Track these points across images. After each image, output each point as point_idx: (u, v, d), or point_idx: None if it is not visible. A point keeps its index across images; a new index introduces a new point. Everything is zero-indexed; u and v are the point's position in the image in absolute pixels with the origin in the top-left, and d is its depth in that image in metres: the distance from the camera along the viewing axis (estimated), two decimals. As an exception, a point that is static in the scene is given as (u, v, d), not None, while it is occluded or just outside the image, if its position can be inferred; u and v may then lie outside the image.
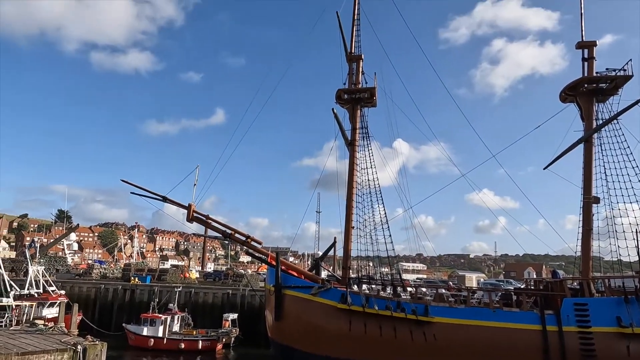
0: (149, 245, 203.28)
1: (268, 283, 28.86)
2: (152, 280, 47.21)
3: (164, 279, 48.72)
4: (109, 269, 58.61)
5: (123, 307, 41.06)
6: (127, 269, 51.38)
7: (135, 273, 48.99)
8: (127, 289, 42.19)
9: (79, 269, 59.97)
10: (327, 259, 53.18)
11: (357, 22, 31.03)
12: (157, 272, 51.93)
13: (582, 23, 27.78)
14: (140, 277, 47.08)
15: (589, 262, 25.30)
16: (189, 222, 27.35)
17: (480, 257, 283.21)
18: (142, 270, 52.37)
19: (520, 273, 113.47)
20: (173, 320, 34.91)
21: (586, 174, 26.33)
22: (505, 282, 53.02)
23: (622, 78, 25.84)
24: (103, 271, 55.27)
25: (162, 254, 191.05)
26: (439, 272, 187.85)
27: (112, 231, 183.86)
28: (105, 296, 41.96)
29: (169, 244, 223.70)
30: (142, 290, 42.14)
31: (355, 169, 29.33)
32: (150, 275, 49.11)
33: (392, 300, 23.98)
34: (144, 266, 60.48)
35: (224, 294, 40.61)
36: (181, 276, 52.20)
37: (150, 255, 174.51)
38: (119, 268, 58.37)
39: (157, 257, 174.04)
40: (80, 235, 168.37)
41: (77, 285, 43.40)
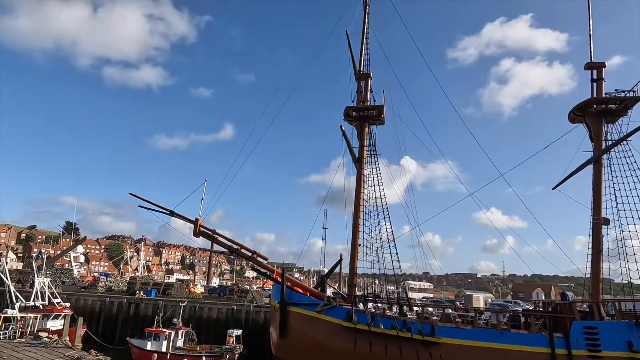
0: (155, 258, 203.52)
1: (273, 299, 28.67)
2: (157, 294, 47.14)
3: (168, 293, 48.62)
4: (115, 281, 58.58)
5: (127, 320, 40.97)
6: (133, 283, 51.39)
7: (141, 287, 48.95)
8: (132, 303, 42.15)
9: (84, 282, 60.03)
10: (332, 276, 52.83)
11: (366, 40, 31.34)
12: (162, 286, 51.84)
13: (591, 44, 27.83)
14: (146, 291, 47.02)
15: (599, 285, 24.88)
16: (196, 237, 27.36)
17: (487, 276, 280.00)
18: (148, 283, 52.28)
19: (529, 294, 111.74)
20: (177, 336, 34.67)
21: (595, 195, 26.07)
22: (513, 303, 52.23)
23: (631, 99, 25.73)
24: (108, 284, 55.24)
25: (168, 267, 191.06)
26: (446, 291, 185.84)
27: (119, 244, 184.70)
28: (110, 309, 41.93)
29: (175, 257, 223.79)
30: (147, 304, 42.06)
31: (363, 186, 29.28)
32: (155, 289, 49.05)
33: (398, 319, 23.69)
34: (150, 280, 60.35)
35: (228, 310, 40.41)
36: (186, 290, 52.04)
37: (156, 269, 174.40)
38: (125, 281, 58.35)
39: (162, 270, 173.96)
40: (87, 248, 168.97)
41: (82, 298, 43.47)
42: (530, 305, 39.34)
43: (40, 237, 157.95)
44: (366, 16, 31.81)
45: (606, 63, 27.36)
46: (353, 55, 30.72)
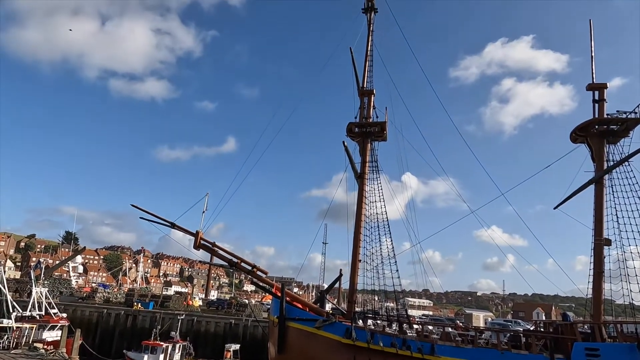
0: (154, 270, 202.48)
1: (272, 314, 28.47)
2: (154, 307, 46.82)
3: (166, 306, 48.29)
4: (112, 293, 58.24)
5: (125, 333, 40.66)
6: (131, 294, 51.08)
7: (139, 299, 48.66)
8: (130, 315, 41.89)
9: (82, 292, 59.69)
10: (332, 292, 52.50)
11: (369, 57, 31.61)
12: (160, 298, 51.52)
13: (593, 65, 28.05)
14: (143, 303, 46.73)
15: (601, 306, 24.68)
16: (196, 249, 27.31)
17: (488, 295, 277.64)
18: (146, 295, 51.98)
19: (529, 313, 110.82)
20: (174, 349, 34.38)
21: (597, 215, 26.03)
22: (513, 322, 51.77)
23: (633, 120, 25.84)
24: (106, 295, 54.91)
25: (167, 279, 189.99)
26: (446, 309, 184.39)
27: (118, 255, 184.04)
28: (107, 321, 41.64)
29: (174, 269, 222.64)
30: (145, 316, 41.78)
31: (364, 201, 29.28)
32: (153, 301, 48.74)
33: (398, 337, 23.48)
34: (148, 292, 60.01)
35: (226, 324, 40.13)
36: (184, 303, 51.71)
37: (155, 281, 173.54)
38: (122, 293, 58.00)
39: (161, 282, 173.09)
40: (86, 258, 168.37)
41: (79, 309, 43.18)
42: (531, 325, 39.00)
43: (39, 247, 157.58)
44: (370, 34, 32.17)
45: (607, 84, 27.56)
46: (357, 71, 30.99)
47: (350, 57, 31.01)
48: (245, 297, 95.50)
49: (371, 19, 32.51)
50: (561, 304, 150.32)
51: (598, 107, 27.18)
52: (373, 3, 32.76)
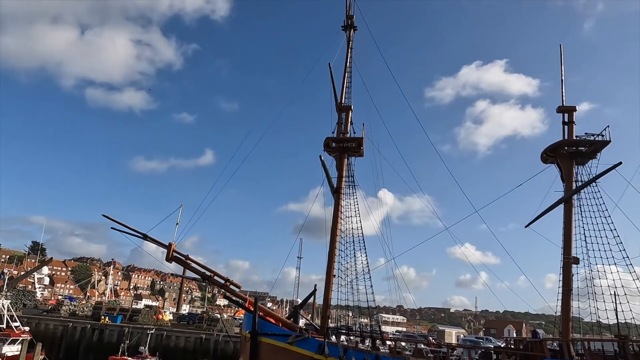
0: (124, 282, 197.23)
1: (244, 329, 27.98)
2: (123, 321, 45.49)
3: (135, 320, 46.97)
4: (79, 306, 56.33)
5: (90, 347, 39.32)
6: (98, 307, 49.52)
7: (106, 312, 47.21)
8: (96, 329, 40.55)
9: (47, 305, 57.58)
10: (306, 307, 52.06)
11: (348, 74, 32.00)
12: (129, 312, 50.12)
13: (563, 89, 29.09)
14: (111, 317, 45.35)
15: (569, 323, 25.17)
16: (168, 262, 26.71)
17: (460, 311, 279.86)
18: (114, 309, 50.45)
19: (501, 330, 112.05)
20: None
21: (566, 234, 26.70)
22: (485, 339, 52.21)
23: (600, 143, 26.78)
24: (72, 308, 53.05)
25: (137, 292, 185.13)
26: (419, 325, 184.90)
27: (87, 266, 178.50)
28: (72, 335, 40.19)
29: (145, 282, 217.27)
30: (112, 330, 40.51)
31: (340, 216, 29.31)
32: (122, 315, 47.36)
33: (371, 353, 23.37)
34: (116, 305, 58.26)
35: (197, 339, 39.24)
36: (154, 317, 50.38)
37: (124, 294, 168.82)
38: (90, 306, 56.16)
39: (131, 295, 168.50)
40: (53, 269, 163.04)
41: (43, 322, 41.59)
42: (501, 342, 39.40)
43: (4, 257, 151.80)
44: (349, 51, 32.61)
45: (576, 107, 28.53)
46: (335, 87, 31.28)
47: (329, 73, 31.30)
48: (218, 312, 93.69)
49: (350, 37, 33.01)
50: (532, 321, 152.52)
51: (567, 129, 28.09)
52: (352, 21, 33.31)
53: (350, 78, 31.89)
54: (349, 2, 33.30)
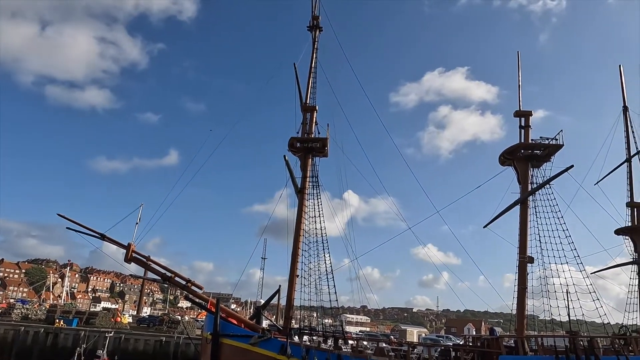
0: (82, 285, 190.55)
1: (205, 330, 27.56)
2: (79, 324, 43.90)
3: (92, 323, 45.42)
4: (32, 309, 53.98)
5: (44, 352, 37.72)
6: (53, 311, 47.59)
7: (61, 315, 45.43)
8: (50, 333, 38.93)
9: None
10: (270, 308, 51.75)
11: (313, 74, 32.07)
12: (86, 315, 48.42)
13: (520, 94, 30.17)
14: (66, 320, 43.68)
15: (524, 320, 26.08)
16: (127, 263, 25.97)
17: (423, 311, 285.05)
18: (69, 312, 48.62)
19: (461, 329, 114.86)
20: (100, 369, 32.36)
21: (521, 234, 27.68)
22: (445, 337, 53.43)
23: (554, 146, 27.94)
24: (25, 312, 50.77)
25: (95, 295, 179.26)
26: (383, 325, 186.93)
27: (42, 268, 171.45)
28: (24, 340, 38.41)
29: (104, 285, 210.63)
30: (67, 334, 39.01)
31: (304, 217, 29.30)
32: (78, 318, 45.69)
33: (333, 352, 23.46)
34: (72, 308, 56.19)
35: (156, 341, 38.35)
36: (112, 320, 48.87)
37: (82, 297, 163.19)
38: (44, 309, 53.91)
39: (89, 298, 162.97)
40: (5, 272, 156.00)
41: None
42: (461, 340, 40.39)
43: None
44: (314, 51, 32.69)
45: (532, 112, 29.62)
46: (300, 87, 31.27)
47: (294, 73, 31.27)
48: (180, 314, 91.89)
49: (316, 37, 33.10)
50: (490, 320, 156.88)
51: (524, 132, 29.14)
52: (318, 22, 33.43)
53: (315, 79, 31.99)
54: (315, 3, 33.42)
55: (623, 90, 38.67)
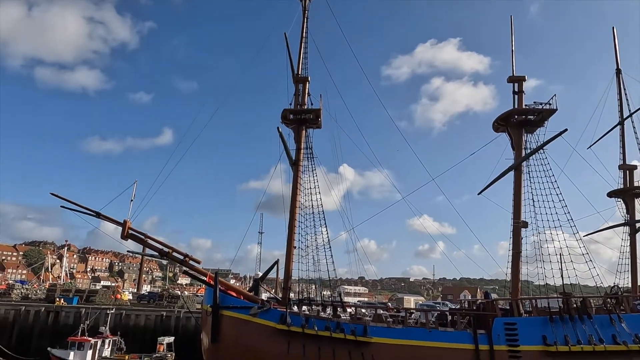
0: (80, 265, 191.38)
1: (205, 303, 27.90)
2: (79, 302, 44.27)
3: (92, 300, 45.82)
4: (32, 289, 54.29)
5: (45, 331, 38.07)
6: (53, 290, 47.89)
7: (61, 294, 45.76)
8: (51, 311, 39.23)
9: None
10: (268, 281, 52.35)
11: (304, 44, 31.54)
12: (86, 292, 48.79)
13: (513, 59, 29.86)
14: (67, 298, 44.00)
15: (518, 283, 26.56)
16: (124, 239, 26.04)
17: (420, 280, 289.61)
18: (69, 290, 48.96)
19: (457, 296, 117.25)
20: (104, 345, 32.80)
21: (516, 200, 27.88)
22: (442, 304, 54.45)
23: (548, 111, 27.86)
24: (25, 292, 51.08)
25: (95, 275, 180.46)
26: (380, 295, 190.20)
27: (39, 250, 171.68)
28: (25, 319, 38.72)
29: (103, 264, 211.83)
30: (68, 312, 39.36)
31: (299, 189, 29.31)
32: (78, 296, 46.05)
33: (332, 320, 23.88)
34: (72, 286, 56.56)
35: (157, 317, 38.80)
36: (112, 297, 49.33)
37: (81, 276, 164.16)
38: (43, 289, 54.25)
39: (88, 278, 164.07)
40: (3, 254, 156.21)
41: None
42: (456, 306, 41.17)
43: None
44: (305, 20, 32.06)
45: (526, 77, 29.39)
46: (291, 58, 30.79)
47: (285, 42, 30.72)
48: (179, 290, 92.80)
49: (306, 5, 32.41)
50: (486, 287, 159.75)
51: (517, 98, 29.00)
52: (308, -10, 32.65)
53: (306, 48, 31.49)
54: (305, -30, 32.56)
55: (616, 53, 38.49)
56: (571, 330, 22.78)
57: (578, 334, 22.57)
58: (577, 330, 22.73)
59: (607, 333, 22.67)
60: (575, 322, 23.02)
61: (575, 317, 23.13)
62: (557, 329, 22.78)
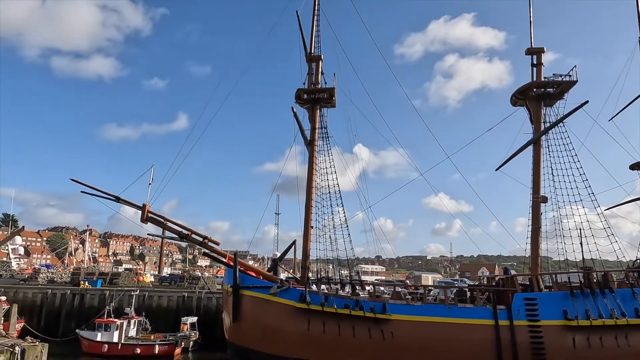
0: (102, 249, 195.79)
1: (225, 283, 28.38)
2: (103, 284, 45.40)
3: (115, 283, 46.94)
4: (57, 273, 55.80)
5: (71, 313, 39.16)
6: (77, 273, 49.13)
7: (86, 277, 46.94)
8: (77, 294, 40.29)
9: (24, 274, 56.88)
10: (286, 262, 52.87)
11: (317, 22, 31.14)
12: (109, 275, 49.97)
13: (531, 30, 29.02)
14: (91, 281, 45.14)
15: (538, 259, 26.34)
16: (144, 223, 26.51)
17: (437, 258, 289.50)
18: (93, 274, 50.20)
19: (475, 273, 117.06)
20: (129, 325, 33.73)
21: (535, 174, 27.45)
22: (460, 280, 54.50)
23: (567, 83, 27.15)
24: (50, 275, 52.54)
25: (117, 258, 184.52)
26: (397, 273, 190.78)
27: (62, 236, 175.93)
28: (52, 302, 39.85)
29: (124, 248, 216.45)
30: (93, 294, 40.38)
31: (315, 169, 29.32)
32: (102, 279, 47.20)
33: (351, 298, 24.08)
34: (95, 270, 57.98)
35: (179, 297, 39.55)
36: (134, 279, 50.46)
37: (104, 260, 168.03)
38: (68, 272, 55.72)
39: (110, 262, 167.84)
40: (27, 240, 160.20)
41: (21, 291, 41.01)
42: (475, 282, 41.13)
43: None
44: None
45: (544, 48, 28.60)
46: (304, 36, 30.46)
47: (297, 21, 30.35)
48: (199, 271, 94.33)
49: (317, -17, 31.83)
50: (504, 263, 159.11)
51: (536, 70, 28.29)
52: (319, -34, 32.02)
53: (319, 26, 31.09)
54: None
55: (640, 21, 37.02)
56: (592, 304, 22.59)
57: (600, 308, 22.38)
58: (598, 305, 22.52)
59: (630, 307, 22.42)
60: (596, 296, 22.80)
61: (597, 291, 22.89)
62: (578, 304, 22.62)
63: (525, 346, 22.05)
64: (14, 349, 16.91)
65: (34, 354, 17.40)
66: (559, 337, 22.09)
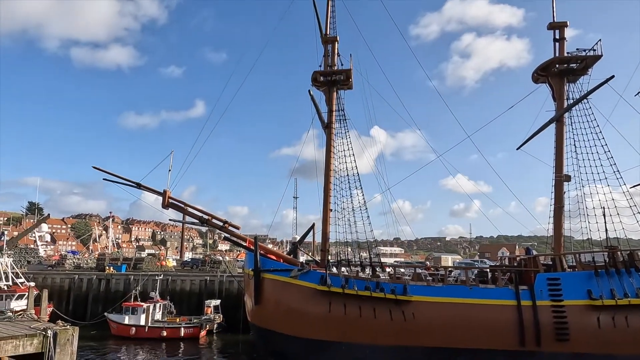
0: (125, 236, 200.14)
1: (247, 267, 28.72)
2: (127, 269, 46.49)
3: (139, 268, 48.01)
4: (83, 259, 57.28)
5: (98, 297, 40.30)
6: (102, 259, 50.38)
7: (110, 262, 48.11)
8: (102, 279, 41.38)
9: (51, 260, 58.53)
10: (305, 245, 53.24)
11: (332, 3, 30.68)
12: (133, 260, 51.10)
13: (554, 3, 28.12)
14: (115, 267, 46.27)
15: (561, 238, 25.96)
16: (165, 209, 26.88)
17: (456, 239, 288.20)
18: (117, 259, 51.40)
19: (494, 254, 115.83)
20: (155, 309, 34.63)
21: (558, 152, 26.87)
22: (480, 261, 54.16)
23: (592, 58, 26.30)
24: (76, 261, 53.99)
25: (139, 244, 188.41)
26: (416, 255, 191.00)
27: (86, 222, 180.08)
28: (79, 287, 41.04)
29: (146, 234, 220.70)
30: (118, 279, 41.42)
31: (333, 151, 29.21)
32: (126, 264, 48.32)
33: (371, 280, 24.14)
34: (119, 255, 59.34)
35: (201, 281, 40.31)
36: (157, 264, 51.53)
37: (127, 246, 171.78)
38: (93, 258, 57.15)
39: (133, 247, 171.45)
40: (53, 227, 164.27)
41: (49, 277, 42.30)
42: (496, 263, 40.82)
43: (1, 219, 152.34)
44: (331, -22, 31.01)
45: (568, 22, 27.72)
46: (319, 17, 30.04)
47: (312, 2, 29.92)
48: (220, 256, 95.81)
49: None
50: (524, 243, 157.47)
51: (558, 45, 27.48)
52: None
53: (334, 7, 30.64)
54: None
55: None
56: (617, 283, 22.22)
57: (625, 287, 22.01)
58: (624, 284, 22.14)
59: (656, 286, 22.01)
60: (622, 275, 22.40)
61: (622, 270, 22.49)
62: (603, 283, 22.27)
63: (549, 326, 21.88)
64: (46, 333, 17.44)
65: (65, 337, 17.91)
66: (583, 317, 21.84)
